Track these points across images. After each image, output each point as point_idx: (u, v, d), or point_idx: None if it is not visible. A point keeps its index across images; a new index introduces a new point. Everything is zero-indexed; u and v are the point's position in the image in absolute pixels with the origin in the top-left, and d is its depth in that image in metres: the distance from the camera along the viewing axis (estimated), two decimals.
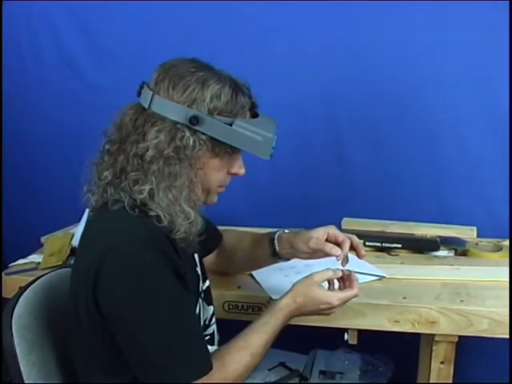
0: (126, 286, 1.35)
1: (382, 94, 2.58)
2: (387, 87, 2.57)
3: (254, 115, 1.52)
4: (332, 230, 1.75)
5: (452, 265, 2.20)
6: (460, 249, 2.35)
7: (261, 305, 1.88)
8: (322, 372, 2.51)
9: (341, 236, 1.73)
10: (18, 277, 2.13)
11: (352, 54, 2.57)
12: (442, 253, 2.33)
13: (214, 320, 1.71)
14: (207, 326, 1.66)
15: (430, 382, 1.88)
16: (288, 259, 1.86)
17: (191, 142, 1.41)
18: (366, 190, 2.67)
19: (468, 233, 2.40)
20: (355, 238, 1.75)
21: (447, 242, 2.37)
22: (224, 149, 1.46)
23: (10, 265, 2.25)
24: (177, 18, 2.67)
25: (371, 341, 1.98)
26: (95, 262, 1.36)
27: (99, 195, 1.47)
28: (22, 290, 1.66)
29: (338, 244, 1.71)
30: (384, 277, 2.03)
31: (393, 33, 2.52)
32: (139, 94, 1.49)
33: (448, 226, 2.45)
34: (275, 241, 1.83)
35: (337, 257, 1.67)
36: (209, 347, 1.48)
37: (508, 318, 1.76)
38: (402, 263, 2.23)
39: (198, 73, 1.43)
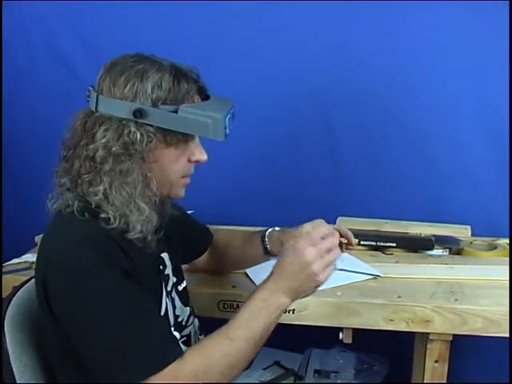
0: (70, 290, 1.34)
1: (376, 93, 2.57)
2: (381, 87, 2.56)
3: (206, 99, 1.50)
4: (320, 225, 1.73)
5: (446, 264, 2.20)
6: (454, 248, 2.35)
7: None
8: (316, 371, 2.51)
9: (329, 229, 1.69)
10: (11, 276, 2.13)
11: (345, 53, 2.56)
12: (437, 252, 2.33)
13: (191, 321, 1.68)
14: (184, 327, 1.64)
15: (425, 380, 1.88)
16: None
17: (139, 136, 1.40)
18: (361, 190, 2.67)
19: (462, 232, 2.40)
20: (342, 228, 1.73)
21: (441, 241, 2.37)
22: (176, 137, 1.44)
23: (4, 264, 2.25)
24: (172, 19, 2.67)
25: (366, 340, 1.99)
26: (41, 270, 1.39)
27: (57, 202, 1.47)
28: (16, 290, 1.66)
29: None
30: (379, 276, 2.03)
31: (386, 32, 2.51)
32: (88, 97, 1.49)
33: (442, 224, 2.45)
34: (266, 239, 1.84)
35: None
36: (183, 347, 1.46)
37: (507, 317, 1.77)
38: (396, 262, 2.24)
39: (137, 66, 1.43)
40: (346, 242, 1.72)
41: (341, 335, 1.88)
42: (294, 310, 1.84)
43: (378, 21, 2.50)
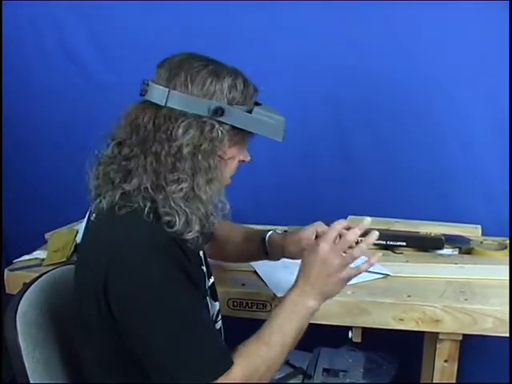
0: (135, 292, 1.34)
1: (387, 93, 2.58)
2: (392, 87, 2.57)
3: (256, 102, 1.54)
4: (320, 227, 1.76)
5: (456, 263, 2.20)
6: (464, 247, 2.34)
7: (265, 302, 1.89)
8: (325, 370, 2.51)
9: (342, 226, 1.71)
10: (22, 273, 2.14)
11: (358, 53, 2.57)
12: (447, 251, 2.32)
13: (220, 316, 1.72)
14: (214, 322, 1.66)
15: (434, 380, 1.88)
16: (278, 259, 1.88)
17: (220, 134, 1.43)
18: (371, 189, 2.67)
19: (473, 231, 2.40)
20: (342, 222, 1.72)
21: (452, 241, 2.36)
22: (243, 137, 1.50)
23: (15, 261, 2.26)
24: (181, 17, 2.67)
25: (375, 339, 1.98)
26: (103, 268, 1.36)
27: (110, 199, 1.43)
28: (27, 286, 1.66)
29: None
30: (388, 275, 2.03)
31: (399, 33, 2.52)
32: (145, 92, 1.47)
33: (453, 224, 2.44)
34: (266, 242, 1.86)
35: None
36: None
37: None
38: (406, 261, 2.23)
39: (209, 66, 1.44)
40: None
41: (350, 334, 1.88)
42: None
43: (391, 22, 2.50)
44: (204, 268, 1.65)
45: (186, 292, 1.37)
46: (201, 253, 1.65)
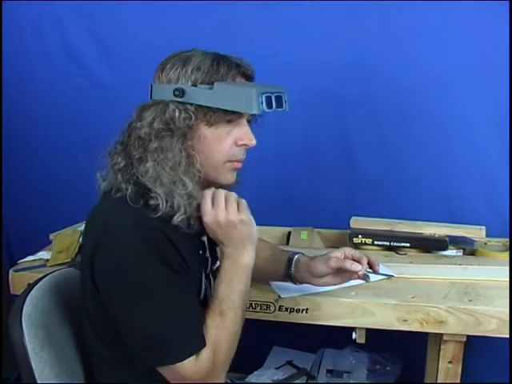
0: (114, 275, 1.39)
1: (390, 92, 2.58)
2: (395, 86, 2.57)
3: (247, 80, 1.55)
4: (348, 250, 1.78)
5: (460, 264, 2.19)
6: (468, 248, 2.35)
7: (269, 303, 1.89)
8: (329, 371, 2.51)
9: (357, 254, 1.76)
10: (26, 273, 2.14)
11: (360, 51, 2.57)
12: (451, 252, 2.33)
13: None
14: None
15: (438, 381, 1.88)
16: (299, 283, 1.86)
17: (177, 113, 1.46)
18: (375, 190, 2.67)
19: (477, 232, 2.39)
20: (371, 257, 1.77)
21: (456, 242, 2.36)
22: (216, 116, 1.48)
23: (19, 261, 2.27)
24: (185, 18, 2.67)
25: (378, 340, 1.98)
26: (90, 249, 1.43)
27: (109, 181, 1.51)
28: (31, 287, 1.66)
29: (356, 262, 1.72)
30: (392, 276, 2.02)
31: (401, 31, 2.52)
32: None
33: (457, 225, 2.44)
34: (293, 262, 1.84)
35: (357, 272, 1.68)
36: None
37: None
38: (410, 262, 2.23)
39: (185, 53, 1.50)
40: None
41: (354, 335, 1.87)
42: (307, 309, 1.84)
43: (396, 21, 2.50)
44: (207, 254, 1.65)
45: (160, 276, 1.40)
46: (204, 238, 1.64)
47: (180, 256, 1.43)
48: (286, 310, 1.84)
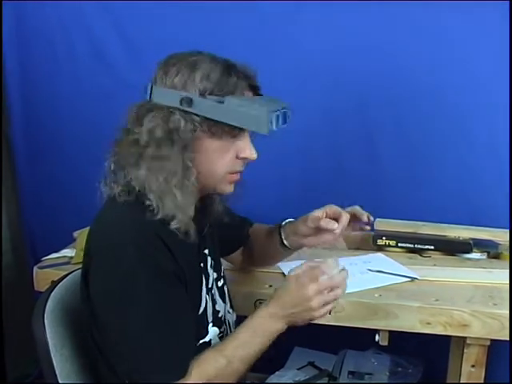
0: (105, 284, 1.39)
1: (414, 93, 2.56)
2: (418, 87, 2.55)
3: (255, 92, 1.52)
4: (330, 208, 1.78)
5: (485, 267, 2.18)
6: (493, 251, 2.33)
7: None
8: (350, 372, 2.50)
9: (338, 211, 1.77)
10: (50, 271, 2.15)
11: (384, 52, 2.55)
12: (475, 255, 2.31)
13: (226, 319, 1.71)
14: (223, 323, 1.67)
15: None
16: (296, 249, 1.90)
17: (182, 124, 1.42)
18: (399, 191, 2.65)
19: (501, 235, 2.38)
20: (357, 209, 1.82)
21: (480, 245, 2.34)
22: (221, 129, 1.45)
23: (43, 259, 2.28)
24: (210, 15, 2.67)
25: (400, 342, 1.97)
26: (87, 257, 1.44)
27: (108, 187, 1.50)
28: (54, 284, 1.68)
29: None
30: (416, 278, 2.02)
31: (426, 32, 2.50)
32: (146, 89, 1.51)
33: (481, 228, 2.43)
34: (282, 230, 1.88)
35: (333, 230, 1.71)
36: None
37: None
38: (434, 265, 2.22)
39: (191, 58, 1.45)
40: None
41: (377, 337, 1.87)
42: (330, 310, 1.83)
43: (420, 22, 2.48)
44: (209, 268, 1.65)
45: (152, 287, 1.38)
46: (207, 251, 1.65)
47: (176, 263, 1.42)
48: None
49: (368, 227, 1.90)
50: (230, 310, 1.75)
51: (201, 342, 1.52)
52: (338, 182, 2.72)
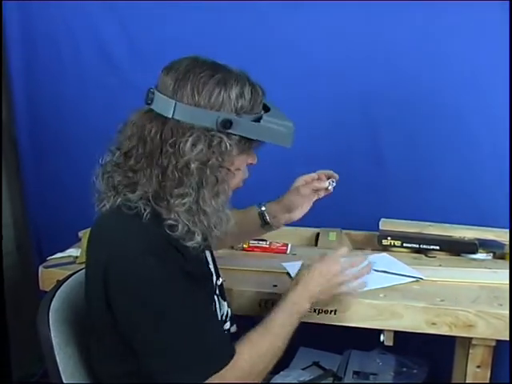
0: (132, 294, 1.37)
1: (420, 95, 2.56)
2: (424, 89, 2.56)
3: (264, 106, 1.53)
4: (307, 176, 1.99)
5: (490, 268, 2.18)
6: (498, 252, 2.33)
7: None
8: (355, 372, 2.50)
9: (312, 174, 2.01)
10: (56, 270, 2.16)
11: (390, 54, 2.56)
12: (480, 256, 2.31)
13: (229, 315, 1.72)
14: (224, 322, 1.67)
15: None
16: (277, 227, 2.03)
17: (228, 146, 1.42)
18: (404, 192, 2.65)
19: (507, 236, 2.37)
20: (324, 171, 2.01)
21: (485, 245, 2.34)
22: (250, 144, 1.48)
23: (48, 258, 2.28)
24: (217, 18, 2.67)
25: (405, 342, 1.97)
26: (102, 266, 1.39)
27: (113, 203, 1.47)
28: (59, 283, 1.69)
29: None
30: (421, 278, 2.01)
31: (432, 34, 2.50)
32: (150, 100, 1.46)
33: (486, 228, 2.42)
34: (265, 214, 1.98)
35: (327, 187, 1.97)
36: None
37: None
38: (439, 265, 2.21)
39: (216, 75, 1.42)
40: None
41: (382, 337, 1.86)
42: (335, 310, 1.83)
43: (427, 23, 2.48)
44: (211, 267, 1.67)
45: (181, 292, 1.39)
46: (207, 253, 1.66)
47: (189, 264, 1.43)
48: (315, 311, 1.83)
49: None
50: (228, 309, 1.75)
51: None
52: (343, 183, 2.71)
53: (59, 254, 2.30)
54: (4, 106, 2.96)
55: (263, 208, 1.98)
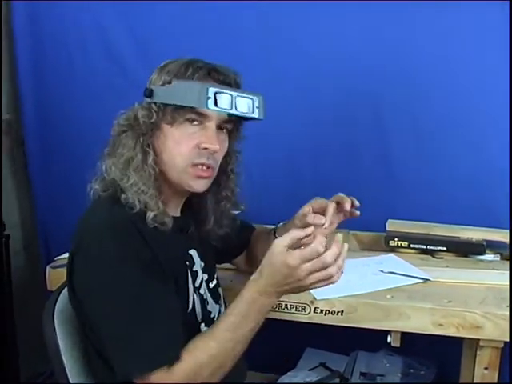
0: (89, 277, 1.43)
1: (429, 95, 2.56)
2: (434, 88, 2.55)
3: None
4: (315, 202, 1.83)
5: (497, 269, 2.17)
6: (506, 253, 2.32)
7: (305, 305, 1.87)
8: (362, 373, 2.50)
9: (324, 203, 1.79)
10: (63, 270, 2.14)
11: (400, 53, 2.55)
12: (488, 257, 2.30)
13: None
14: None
15: None
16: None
17: (140, 112, 1.54)
18: (411, 192, 2.64)
19: None
20: (340, 196, 1.83)
21: (493, 246, 2.34)
22: (175, 113, 1.51)
23: (56, 258, 2.29)
24: (225, 19, 2.67)
25: (413, 344, 1.97)
26: (71, 253, 1.49)
27: (99, 184, 1.58)
28: (64, 284, 1.68)
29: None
30: (428, 280, 2.01)
31: (443, 33, 2.50)
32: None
33: (494, 229, 2.41)
34: (276, 233, 1.92)
35: (322, 225, 1.71)
36: None
37: None
38: (446, 266, 2.21)
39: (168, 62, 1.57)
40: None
41: (389, 338, 1.86)
42: (342, 311, 1.83)
43: (433, 21, 2.48)
44: (196, 268, 1.65)
45: (134, 281, 1.40)
46: (193, 251, 1.66)
47: (151, 251, 1.44)
48: (322, 311, 1.83)
49: (357, 212, 1.86)
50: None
51: None
52: (350, 183, 2.71)
53: (67, 255, 2.30)
54: (12, 106, 2.97)
55: (277, 227, 1.95)
